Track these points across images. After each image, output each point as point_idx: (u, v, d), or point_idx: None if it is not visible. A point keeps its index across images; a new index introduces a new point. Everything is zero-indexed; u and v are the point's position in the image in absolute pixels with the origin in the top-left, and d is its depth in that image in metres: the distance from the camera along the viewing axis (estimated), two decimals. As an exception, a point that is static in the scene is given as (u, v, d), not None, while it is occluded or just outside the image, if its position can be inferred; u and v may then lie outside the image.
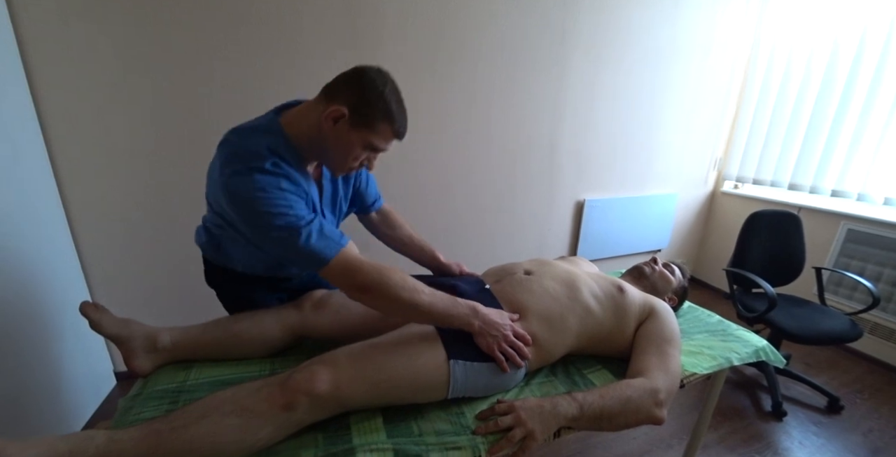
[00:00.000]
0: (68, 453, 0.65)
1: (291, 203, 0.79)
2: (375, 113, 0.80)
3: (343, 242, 0.82)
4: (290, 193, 0.79)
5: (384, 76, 0.81)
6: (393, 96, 0.81)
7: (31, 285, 1.35)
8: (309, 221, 0.79)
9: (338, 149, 0.83)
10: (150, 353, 0.98)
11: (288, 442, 0.77)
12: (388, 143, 0.85)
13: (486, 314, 0.89)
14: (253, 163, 0.78)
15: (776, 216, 1.90)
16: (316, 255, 0.79)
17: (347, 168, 0.87)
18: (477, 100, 2.01)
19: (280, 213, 0.77)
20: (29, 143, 1.39)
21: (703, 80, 2.55)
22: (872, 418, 1.70)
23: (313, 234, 0.79)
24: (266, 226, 0.78)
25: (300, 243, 0.78)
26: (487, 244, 2.34)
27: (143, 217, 1.65)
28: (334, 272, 0.81)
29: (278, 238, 0.78)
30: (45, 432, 1.38)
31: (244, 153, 0.79)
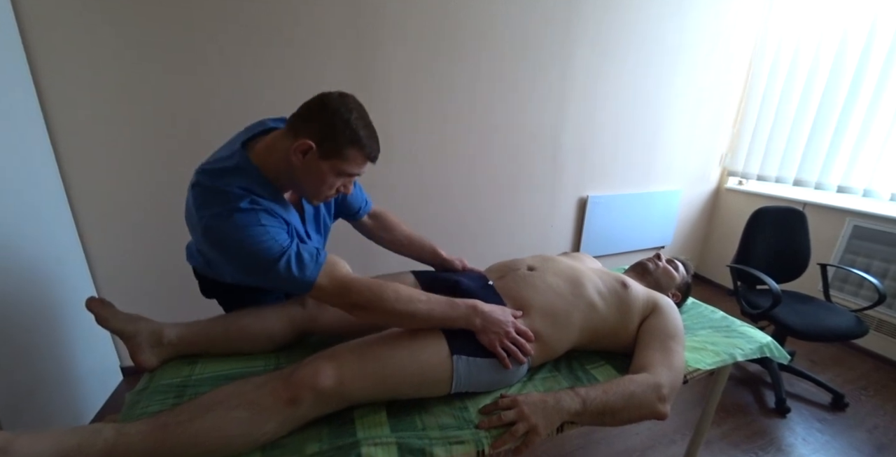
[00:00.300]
0: (77, 445, 0.66)
1: (273, 235, 0.78)
2: (343, 141, 0.78)
3: (321, 259, 0.82)
4: (269, 226, 0.79)
5: (348, 102, 0.79)
6: (360, 122, 0.79)
7: (39, 283, 1.37)
8: (285, 250, 0.78)
9: (310, 180, 0.83)
10: (156, 348, 0.99)
11: (293, 436, 0.78)
12: (360, 168, 0.84)
13: (487, 312, 0.90)
14: (229, 204, 0.77)
15: (781, 212, 1.88)
16: (298, 281, 0.79)
17: (323, 197, 0.87)
18: (479, 96, 2.00)
19: (262, 248, 0.76)
20: (35, 142, 1.40)
21: (708, 75, 2.53)
22: (877, 415, 1.69)
23: (292, 261, 0.78)
24: (248, 263, 0.78)
25: (281, 273, 0.77)
26: (490, 241, 2.34)
27: (147, 214, 1.66)
28: (325, 294, 0.82)
29: (261, 272, 0.78)
30: (56, 426, 1.41)
31: (218, 195, 0.78)
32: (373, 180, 1.92)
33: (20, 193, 1.30)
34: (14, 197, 1.27)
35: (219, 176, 0.81)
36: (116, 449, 0.67)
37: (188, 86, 1.56)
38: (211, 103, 1.60)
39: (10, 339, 1.24)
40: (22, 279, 1.29)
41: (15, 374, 1.24)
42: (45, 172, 1.44)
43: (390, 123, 1.88)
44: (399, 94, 1.86)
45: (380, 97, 1.82)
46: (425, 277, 1.14)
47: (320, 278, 0.80)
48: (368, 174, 2.13)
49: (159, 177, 1.62)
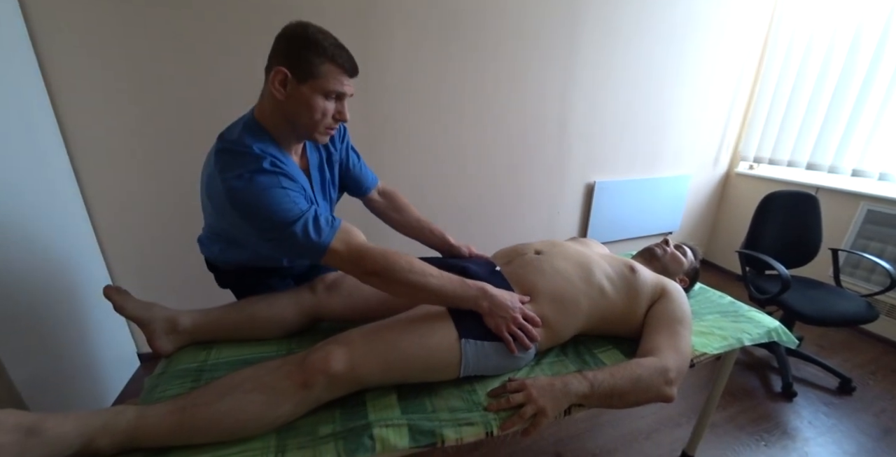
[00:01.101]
0: (102, 426, 0.69)
1: (293, 198, 0.80)
2: (312, 58, 0.78)
3: (336, 225, 0.84)
4: (290, 190, 0.81)
5: (305, 25, 0.80)
6: (321, 36, 0.79)
7: (56, 274, 1.40)
8: (303, 212, 0.80)
9: (301, 111, 0.82)
10: (171, 334, 1.01)
11: (306, 418, 0.80)
12: (342, 83, 0.83)
13: (495, 295, 0.90)
14: (252, 165, 0.79)
15: (792, 197, 1.86)
16: (314, 243, 0.81)
17: (323, 128, 0.86)
18: (485, 81, 1.98)
19: (281, 209, 0.78)
20: (47, 133, 1.41)
21: (719, 57, 2.46)
22: (885, 399, 1.70)
23: (309, 224, 0.80)
24: (267, 224, 0.79)
25: (298, 236, 0.79)
26: (496, 227, 2.34)
27: (158, 202, 1.68)
28: (339, 259, 0.83)
29: (278, 233, 0.80)
30: (84, 408, 1.46)
31: (239, 156, 0.80)
32: (377, 165, 1.92)
33: (33, 185, 1.32)
34: (27, 189, 1.29)
35: (235, 137, 0.83)
36: (138, 430, 0.70)
37: (191, 72, 1.55)
38: (219, 87, 1.59)
39: (32, 328, 1.27)
40: (39, 270, 1.32)
41: (39, 361, 1.28)
42: (57, 164, 1.46)
43: (393, 107, 1.86)
44: (401, 79, 1.83)
45: (382, 81, 1.80)
46: (433, 262, 1.14)
47: (335, 243, 0.82)
48: (372, 159, 2.13)
49: (170, 164, 1.63)
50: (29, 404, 1.21)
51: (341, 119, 0.87)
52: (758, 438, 1.52)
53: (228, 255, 1.04)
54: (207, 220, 1.01)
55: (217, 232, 1.00)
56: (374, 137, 1.88)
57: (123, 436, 0.70)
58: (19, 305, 1.23)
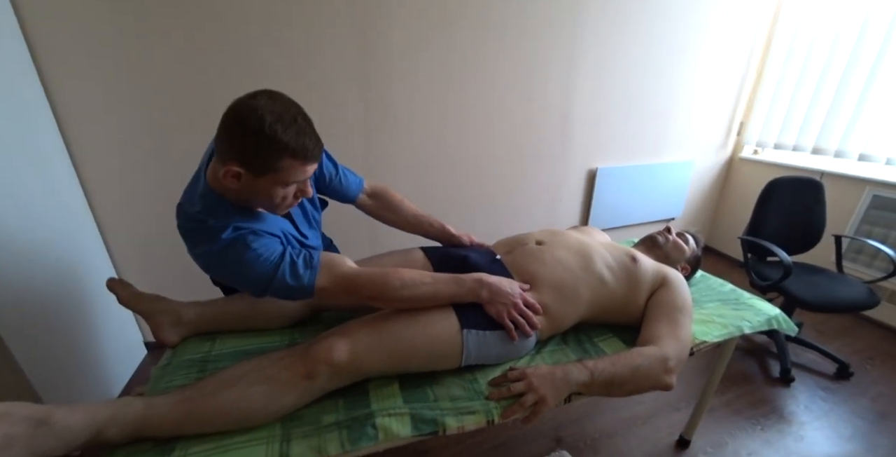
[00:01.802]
0: (110, 417, 0.70)
1: (263, 255, 0.78)
2: (270, 155, 0.69)
3: (314, 263, 0.81)
4: (259, 248, 0.78)
5: (259, 106, 0.68)
6: (280, 126, 0.68)
7: (61, 267, 1.41)
8: (277, 265, 0.78)
9: (258, 199, 0.78)
10: (176, 326, 1.03)
11: (310, 407, 0.82)
12: (304, 173, 0.75)
13: (493, 283, 0.91)
14: (214, 240, 0.77)
15: (797, 183, 1.84)
16: (298, 289, 0.79)
17: (285, 207, 0.81)
18: (485, 65, 1.93)
19: (256, 272, 0.77)
20: (43, 129, 1.40)
21: (725, 40, 2.40)
22: (882, 384, 1.71)
23: (286, 272, 0.78)
24: (250, 286, 0.79)
25: (280, 287, 0.78)
26: (496, 214, 2.33)
27: (160, 192, 1.67)
28: (331, 294, 0.83)
29: (262, 290, 0.79)
30: (88, 399, 1.49)
31: (202, 232, 0.78)
32: (377, 152, 1.92)
33: (31, 179, 1.32)
34: (25, 182, 1.29)
35: (192, 212, 0.79)
36: (146, 421, 0.72)
37: (190, 63, 1.52)
38: (219, 74, 1.56)
39: (41, 320, 1.30)
40: (43, 263, 1.33)
41: (49, 352, 1.30)
42: (55, 158, 1.44)
43: (393, 93, 1.83)
44: (402, 64, 1.80)
45: (382, 67, 1.77)
46: (434, 252, 1.15)
47: (320, 281, 0.80)
48: (372, 147, 2.10)
49: (168, 154, 1.62)
50: (40, 393, 1.23)
51: (303, 196, 0.82)
52: (754, 422, 1.54)
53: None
54: None
55: None
56: (375, 123, 1.86)
57: (132, 426, 0.71)
58: (27, 297, 1.24)
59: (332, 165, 1.07)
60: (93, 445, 0.70)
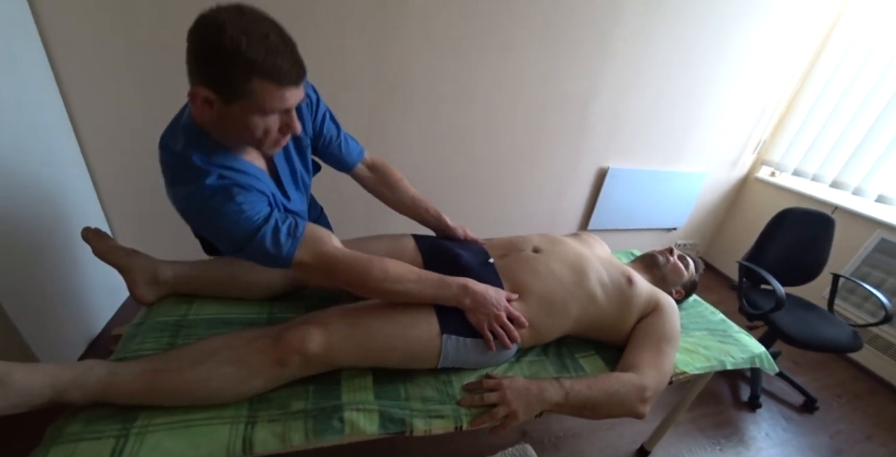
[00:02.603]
0: (71, 380, 0.68)
1: (247, 213, 0.71)
2: (235, 75, 0.61)
3: (298, 233, 0.76)
4: (245, 202, 0.71)
5: (221, 25, 0.58)
6: (244, 40, 0.58)
7: (46, 205, 1.37)
8: (259, 226, 0.72)
9: (237, 130, 0.69)
10: (152, 284, 1.00)
11: (280, 391, 0.80)
12: (282, 98, 0.65)
13: (478, 292, 0.87)
14: (198, 182, 0.69)
15: (809, 216, 1.79)
16: (275, 257, 0.74)
17: (271, 143, 0.72)
18: (510, 44, 1.81)
19: (236, 228, 0.71)
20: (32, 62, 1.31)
21: (767, 54, 2.26)
22: (843, 422, 1.75)
23: (267, 237, 0.73)
24: (224, 241, 0.73)
25: (257, 250, 0.73)
26: (499, 199, 2.27)
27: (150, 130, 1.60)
28: (308, 270, 0.78)
29: (237, 249, 0.73)
30: (73, 334, 1.50)
31: (185, 170, 0.71)
32: (382, 123, 1.83)
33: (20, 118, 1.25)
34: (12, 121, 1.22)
35: (178, 149, 0.72)
36: (109, 387, 0.70)
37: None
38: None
39: (22, 258, 1.27)
40: (27, 197, 1.29)
41: (29, 286, 1.28)
42: (44, 88, 1.37)
43: (411, 65, 1.73)
44: (421, 35, 1.68)
45: (401, 37, 1.66)
46: (426, 243, 1.11)
47: (300, 254, 0.76)
48: (381, 116, 1.99)
49: (170, 100, 1.54)
50: (18, 327, 1.22)
51: (290, 131, 0.72)
52: (715, 442, 1.58)
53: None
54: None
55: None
56: (383, 92, 1.76)
57: (93, 392, 0.70)
58: (6, 230, 1.20)
59: (335, 127, 1.00)
60: (54, 405, 0.69)
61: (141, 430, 0.69)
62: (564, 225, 2.55)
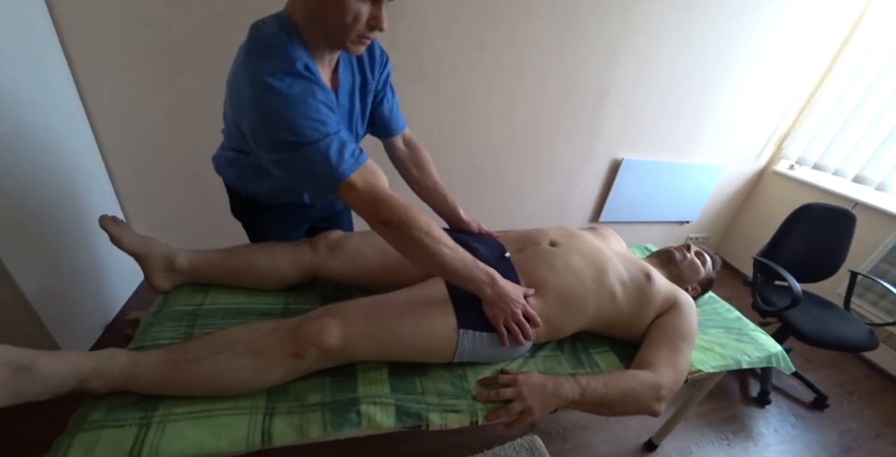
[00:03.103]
0: (93, 369, 0.69)
1: (324, 115, 0.71)
2: None
3: (362, 159, 0.75)
4: (322, 104, 0.71)
5: None
6: None
7: (62, 188, 1.38)
8: (328, 134, 0.71)
9: (330, 10, 0.68)
10: (168, 273, 1.00)
11: (297, 383, 0.81)
12: None
13: (502, 286, 0.86)
14: (286, 65, 0.69)
15: (829, 212, 1.75)
16: (330, 170, 0.72)
17: (356, 35, 0.71)
18: (526, 30, 1.76)
19: (309, 126, 0.69)
20: (47, 49, 1.30)
21: (790, 45, 2.17)
22: (853, 420, 1.74)
23: (332, 147, 0.71)
24: (288, 139, 0.69)
25: (315, 157, 0.70)
26: (510, 191, 2.25)
27: (168, 129, 1.60)
28: (355, 197, 0.75)
29: (293, 149, 0.70)
30: (90, 318, 1.52)
31: (272, 49, 0.70)
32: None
33: (36, 102, 1.25)
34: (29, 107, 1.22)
35: (271, 31, 0.71)
36: (130, 378, 0.71)
37: None
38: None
39: (40, 240, 1.28)
40: (46, 186, 1.30)
41: (46, 269, 1.30)
42: (59, 79, 1.37)
43: (421, 48, 1.69)
44: (438, 25, 1.64)
45: (412, 18, 1.62)
46: None
47: (355, 177, 0.73)
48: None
49: (176, 89, 1.53)
50: (37, 310, 1.24)
51: (376, 26, 0.71)
52: (723, 436, 1.58)
53: (245, 182, 0.97)
54: (227, 132, 0.91)
55: (234, 153, 0.91)
56: (399, 72, 1.73)
57: (115, 381, 0.70)
58: (27, 217, 1.22)
59: (391, 90, 1.01)
60: (76, 393, 0.70)
61: (162, 418, 0.70)
62: (575, 216, 2.52)
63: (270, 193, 0.98)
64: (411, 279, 0.98)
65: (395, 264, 1.03)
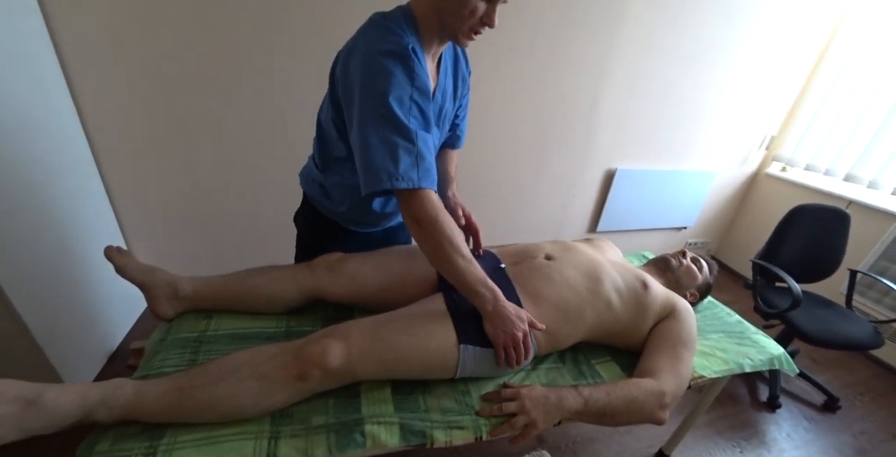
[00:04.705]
0: (100, 400, 0.70)
1: (418, 101, 0.78)
2: None
3: (423, 184, 0.79)
4: (418, 93, 0.78)
5: None
6: None
7: (62, 221, 1.40)
8: (412, 130, 0.77)
9: (453, 3, 0.76)
10: (172, 300, 1.01)
11: (301, 406, 0.81)
12: None
13: (504, 306, 0.86)
14: (392, 38, 0.76)
15: (823, 212, 1.77)
16: (393, 174, 0.77)
17: (468, 28, 0.80)
18: (517, 44, 1.82)
19: (391, 104, 0.75)
20: (52, 82, 1.35)
21: (775, 47, 2.25)
22: (867, 421, 1.72)
23: (417, 147, 0.78)
24: (371, 98, 0.76)
25: (387, 143, 0.76)
26: (507, 206, 2.28)
27: (169, 157, 1.64)
28: (401, 193, 0.81)
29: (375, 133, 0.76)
30: (93, 348, 1.53)
31: (385, 29, 0.77)
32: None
33: (41, 134, 1.28)
34: (36, 138, 1.26)
35: (392, 16, 0.80)
36: (136, 406, 0.71)
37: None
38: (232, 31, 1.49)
39: (43, 270, 1.29)
40: (46, 217, 1.32)
41: (48, 299, 1.31)
42: (57, 98, 1.40)
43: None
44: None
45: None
46: None
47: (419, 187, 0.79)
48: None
49: (180, 120, 1.57)
50: (38, 341, 1.25)
51: (488, 23, 0.80)
52: (735, 444, 1.56)
53: (327, 197, 1.05)
54: (319, 139, 1.00)
55: (320, 173, 1.01)
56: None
57: (121, 410, 0.71)
58: (28, 247, 1.24)
59: (466, 106, 1.11)
60: (81, 425, 0.71)
61: (168, 447, 0.71)
62: (573, 228, 2.54)
63: (347, 212, 1.05)
64: (412, 297, 0.99)
65: (395, 283, 1.05)
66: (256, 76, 1.57)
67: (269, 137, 1.70)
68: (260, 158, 1.74)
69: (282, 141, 1.72)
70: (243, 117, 1.64)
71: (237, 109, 1.61)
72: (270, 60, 1.55)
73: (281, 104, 1.65)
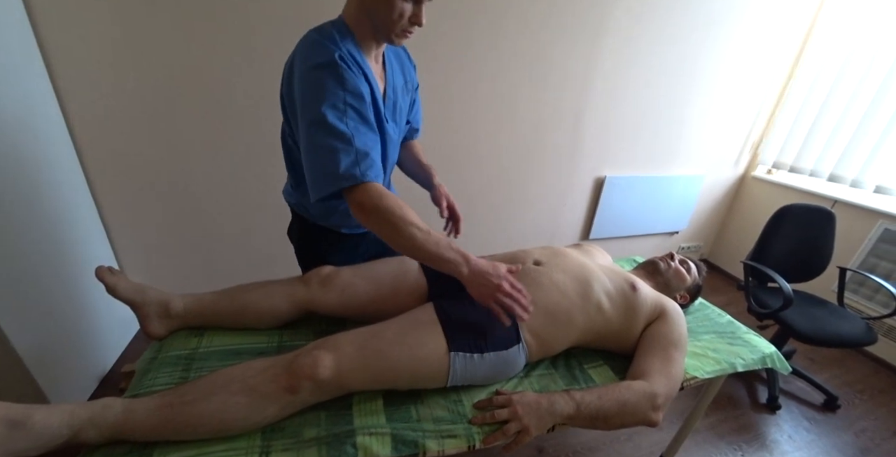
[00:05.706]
0: (88, 419, 0.69)
1: (353, 106, 0.81)
2: None
3: (366, 179, 0.82)
4: (350, 99, 0.81)
5: None
6: None
7: (55, 244, 1.40)
8: (348, 134, 0.80)
9: (380, 7, 0.81)
10: (164, 318, 1.01)
11: (292, 419, 0.81)
12: None
13: (477, 263, 0.84)
14: (323, 51, 0.81)
15: (809, 211, 1.80)
16: (336, 176, 0.80)
17: (399, 29, 0.85)
18: (499, 59, 1.86)
19: (330, 113, 0.79)
20: (41, 93, 1.37)
21: (752, 54, 2.32)
22: (868, 419, 1.71)
23: (355, 146, 0.80)
24: (314, 109, 0.80)
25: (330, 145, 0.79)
26: (498, 217, 2.30)
27: (159, 176, 1.65)
28: (346, 191, 0.83)
29: (317, 124, 0.80)
30: (84, 371, 1.51)
31: (320, 46, 0.81)
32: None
33: (30, 156, 1.29)
34: (25, 161, 1.27)
35: (322, 30, 0.85)
36: (126, 424, 0.71)
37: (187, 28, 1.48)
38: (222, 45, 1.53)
39: (32, 293, 1.29)
40: (37, 237, 1.32)
41: (40, 326, 1.31)
42: (48, 117, 1.42)
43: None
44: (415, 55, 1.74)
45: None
46: None
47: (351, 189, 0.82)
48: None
49: (171, 136, 1.59)
50: (27, 364, 1.24)
51: (417, 22, 0.85)
52: (736, 447, 1.55)
53: (307, 211, 1.09)
54: (286, 164, 1.06)
55: (294, 187, 1.07)
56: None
57: (110, 429, 0.71)
58: (18, 270, 1.24)
59: (417, 100, 1.14)
60: (70, 445, 0.70)
61: (157, 466, 0.70)
62: (566, 236, 2.56)
63: (334, 220, 1.10)
64: (404, 308, 0.99)
65: (386, 294, 1.05)
66: (248, 94, 1.60)
67: (261, 154, 1.73)
68: (252, 177, 1.76)
69: (274, 158, 1.73)
70: (235, 135, 1.67)
71: (229, 127, 1.64)
72: (261, 81, 1.58)
73: (273, 122, 1.67)
